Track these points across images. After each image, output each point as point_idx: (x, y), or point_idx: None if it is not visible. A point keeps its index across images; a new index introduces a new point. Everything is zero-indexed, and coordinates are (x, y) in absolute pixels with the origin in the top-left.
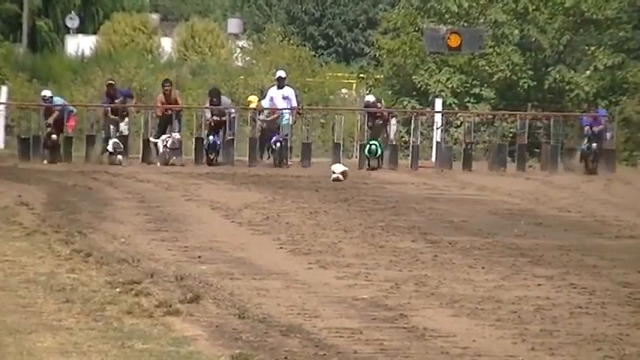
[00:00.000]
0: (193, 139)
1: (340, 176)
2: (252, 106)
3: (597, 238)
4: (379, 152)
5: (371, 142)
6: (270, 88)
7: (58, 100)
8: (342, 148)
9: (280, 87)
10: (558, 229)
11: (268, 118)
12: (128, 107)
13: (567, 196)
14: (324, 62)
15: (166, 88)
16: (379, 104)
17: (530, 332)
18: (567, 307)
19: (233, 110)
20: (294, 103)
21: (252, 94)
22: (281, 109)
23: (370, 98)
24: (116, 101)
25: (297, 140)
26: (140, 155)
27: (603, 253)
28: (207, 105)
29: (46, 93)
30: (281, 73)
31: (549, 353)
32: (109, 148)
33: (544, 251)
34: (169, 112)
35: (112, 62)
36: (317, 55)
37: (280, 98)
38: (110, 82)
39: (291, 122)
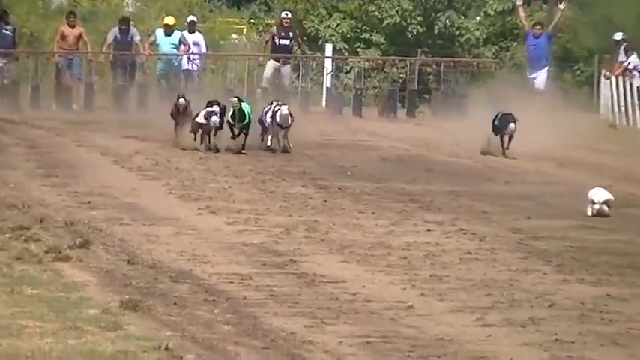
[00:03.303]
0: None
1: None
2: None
3: (487, 184)
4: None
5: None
6: (156, 31)
7: None
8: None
9: (191, 32)
10: (448, 175)
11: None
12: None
13: (458, 142)
14: (214, 7)
15: (70, 20)
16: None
17: (419, 278)
18: (457, 252)
19: (138, 38)
20: (204, 49)
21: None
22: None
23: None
24: None
25: None
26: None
27: (493, 199)
28: (117, 32)
29: None
30: (192, 18)
31: (439, 299)
32: None
33: (434, 197)
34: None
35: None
36: (207, 0)
37: (191, 44)
38: None
39: (199, 69)
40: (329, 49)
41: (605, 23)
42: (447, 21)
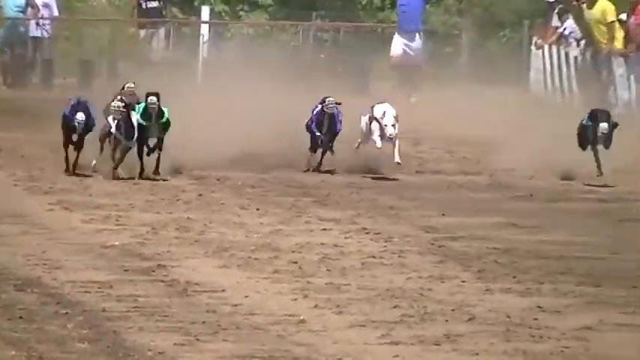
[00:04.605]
0: None
1: None
2: None
3: (395, 174)
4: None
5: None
6: None
7: None
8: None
9: None
10: (348, 162)
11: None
12: None
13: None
14: None
15: None
16: None
17: (313, 286)
18: (358, 256)
19: None
20: (56, 12)
21: None
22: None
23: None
24: None
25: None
26: None
27: (401, 191)
28: None
29: None
30: None
31: (336, 311)
32: None
33: (331, 189)
34: None
35: None
36: None
37: (40, 6)
38: None
39: (50, 35)
40: (205, 11)
41: None
42: None
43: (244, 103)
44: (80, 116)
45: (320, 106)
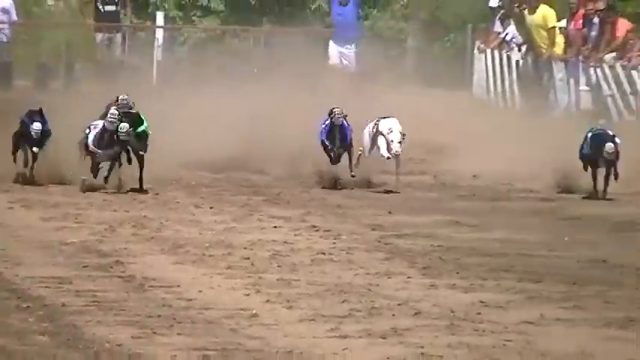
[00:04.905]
0: None
1: None
2: None
3: (342, 174)
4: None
5: None
6: None
7: None
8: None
9: None
10: (299, 161)
11: None
12: None
13: (310, 121)
14: None
15: None
16: None
17: (265, 282)
18: (308, 252)
19: None
20: (14, 17)
21: None
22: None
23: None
24: None
25: None
26: None
27: (349, 191)
28: None
29: None
30: None
31: (287, 306)
32: None
33: (282, 188)
34: None
35: None
36: None
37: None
38: None
39: (9, 39)
40: (160, 17)
41: None
42: None
43: (197, 105)
44: (37, 126)
45: (328, 119)
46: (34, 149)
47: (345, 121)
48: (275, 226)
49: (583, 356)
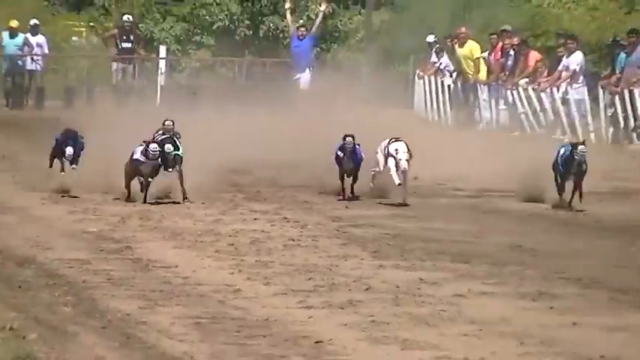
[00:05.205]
0: None
1: None
2: None
3: (310, 176)
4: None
5: None
6: (2, 33)
7: None
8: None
9: (34, 34)
10: (273, 168)
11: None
12: None
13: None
14: (55, 12)
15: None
16: None
17: (246, 263)
18: (281, 239)
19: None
20: (46, 50)
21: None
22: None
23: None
24: None
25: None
26: None
27: (315, 190)
28: None
29: None
30: (35, 21)
31: (264, 282)
32: None
33: (260, 188)
34: None
35: None
36: (50, 4)
37: (35, 45)
38: None
39: (42, 68)
40: (163, 50)
41: (419, 26)
42: (272, 24)
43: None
44: (69, 150)
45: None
46: (73, 166)
47: (357, 146)
48: (254, 218)
49: (502, 322)
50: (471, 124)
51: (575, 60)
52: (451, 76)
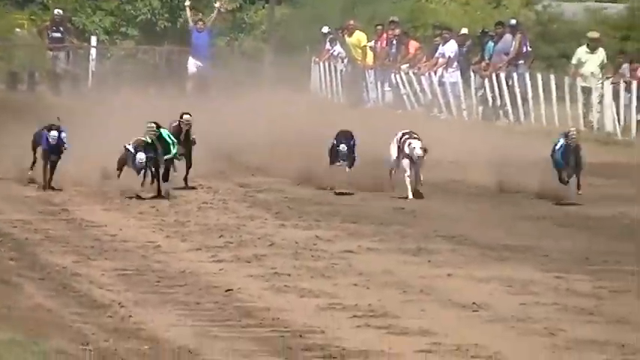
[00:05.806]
0: None
1: None
2: None
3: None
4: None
5: None
6: None
7: None
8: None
9: None
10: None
11: None
12: None
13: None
14: (6, 10)
15: None
16: None
17: (166, 223)
18: (196, 202)
19: None
20: None
21: None
22: None
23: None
24: None
25: None
26: None
27: (230, 160)
28: None
29: None
30: None
31: (181, 240)
32: None
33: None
34: None
35: None
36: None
37: None
38: None
39: None
40: (93, 40)
41: (315, 19)
42: (181, 18)
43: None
44: (53, 135)
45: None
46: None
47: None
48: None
49: (387, 273)
50: (360, 104)
51: (450, 48)
52: (343, 61)
